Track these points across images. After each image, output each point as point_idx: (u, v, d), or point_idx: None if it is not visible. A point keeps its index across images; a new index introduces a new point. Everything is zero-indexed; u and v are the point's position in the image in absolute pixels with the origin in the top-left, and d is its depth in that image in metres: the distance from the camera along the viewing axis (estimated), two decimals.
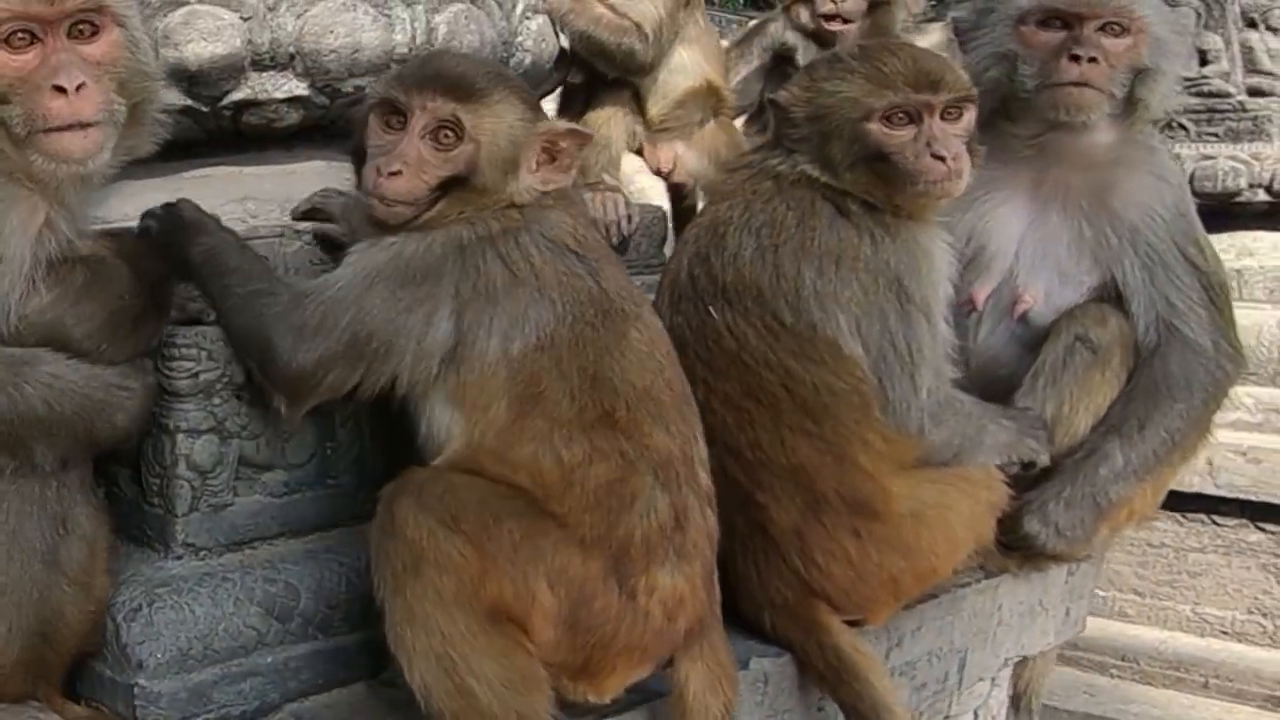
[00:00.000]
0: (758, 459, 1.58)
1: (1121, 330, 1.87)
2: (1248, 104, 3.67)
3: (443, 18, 1.74)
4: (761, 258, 1.60)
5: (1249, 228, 3.58)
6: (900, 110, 1.62)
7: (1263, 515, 3.16)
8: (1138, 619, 3.40)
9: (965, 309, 1.92)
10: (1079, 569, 1.95)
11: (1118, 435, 1.86)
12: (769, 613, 1.59)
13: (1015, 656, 1.88)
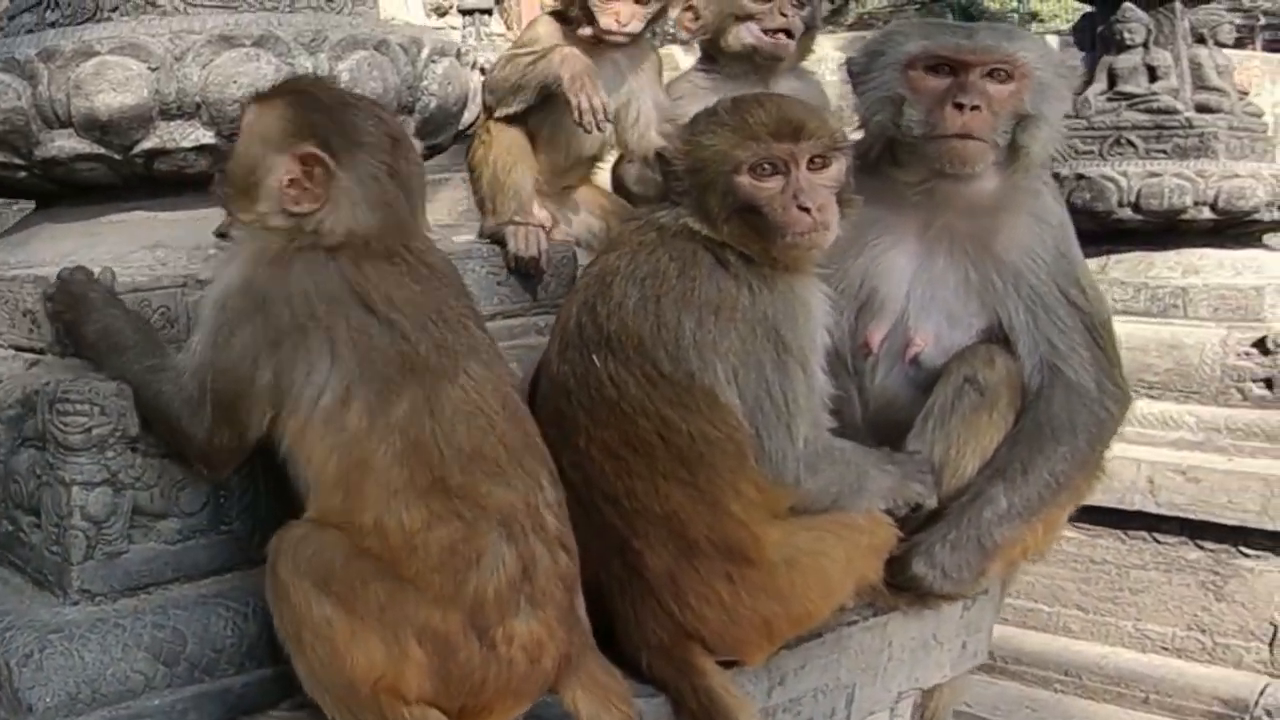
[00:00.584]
0: (634, 506, 1.63)
1: (1009, 371, 1.91)
2: (1195, 121, 3.73)
3: (345, 65, 1.80)
4: (644, 307, 1.64)
5: (1195, 245, 3.66)
6: (766, 162, 1.65)
7: (1202, 533, 3.23)
8: (1081, 634, 3.48)
9: (861, 352, 1.97)
10: (975, 603, 2.00)
11: (1002, 478, 1.89)
12: (646, 653, 1.64)
13: (909, 690, 1.93)
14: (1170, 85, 3.85)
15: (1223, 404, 3.32)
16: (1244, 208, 3.53)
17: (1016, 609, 3.57)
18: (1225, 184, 3.54)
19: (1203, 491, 3.16)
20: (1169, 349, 3.42)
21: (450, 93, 1.94)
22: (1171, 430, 3.35)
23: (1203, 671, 3.22)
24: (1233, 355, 3.32)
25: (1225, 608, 3.20)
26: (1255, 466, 3.13)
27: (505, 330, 1.96)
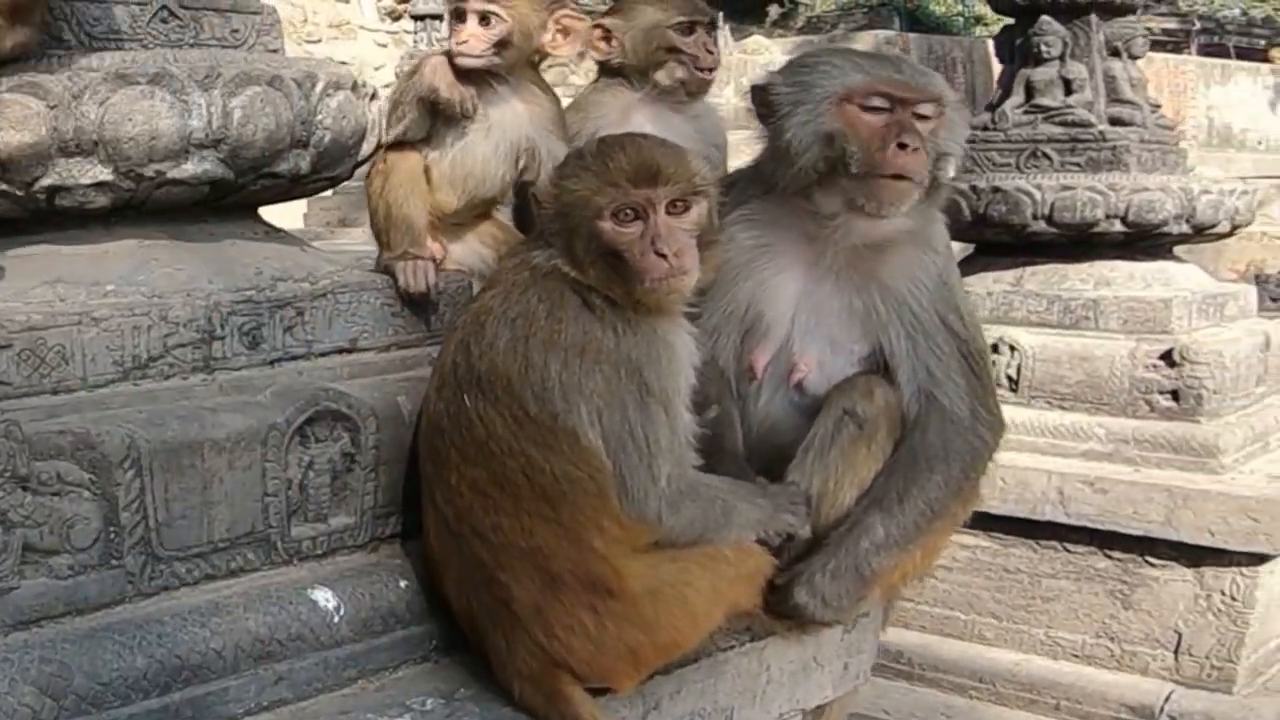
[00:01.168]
0: (500, 541, 1.70)
1: (888, 402, 1.99)
2: (1108, 134, 3.85)
3: (238, 101, 1.84)
4: (514, 349, 1.71)
5: (1107, 257, 3.77)
6: (626, 208, 1.72)
7: (1110, 543, 3.35)
8: (996, 642, 3.59)
9: (746, 375, 2.05)
10: (856, 626, 2.08)
11: (879, 508, 1.98)
12: (518, 683, 1.73)
13: (791, 711, 2.01)
14: (1085, 98, 3.96)
15: (1131, 415, 3.43)
16: (1153, 220, 3.63)
17: (934, 616, 3.69)
18: (1136, 197, 3.63)
19: (1110, 502, 3.28)
20: (1080, 361, 3.53)
21: (345, 126, 1.99)
22: (1082, 441, 3.46)
23: (1111, 679, 3.35)
24: (1141, 367, 3.43)
25: (1132, 616, 3.33)
26: (1161, 477, 3.26)
27: (400, 361, 2.01)
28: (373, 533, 1.89)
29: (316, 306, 1.92)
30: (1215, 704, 3.17)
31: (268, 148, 1.87)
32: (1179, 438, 3.32)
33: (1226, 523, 3.11)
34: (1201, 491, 3.16)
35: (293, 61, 1.96)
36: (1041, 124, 3.95)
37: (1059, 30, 3.98)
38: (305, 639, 1.73)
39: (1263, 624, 3.21)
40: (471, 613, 1.76)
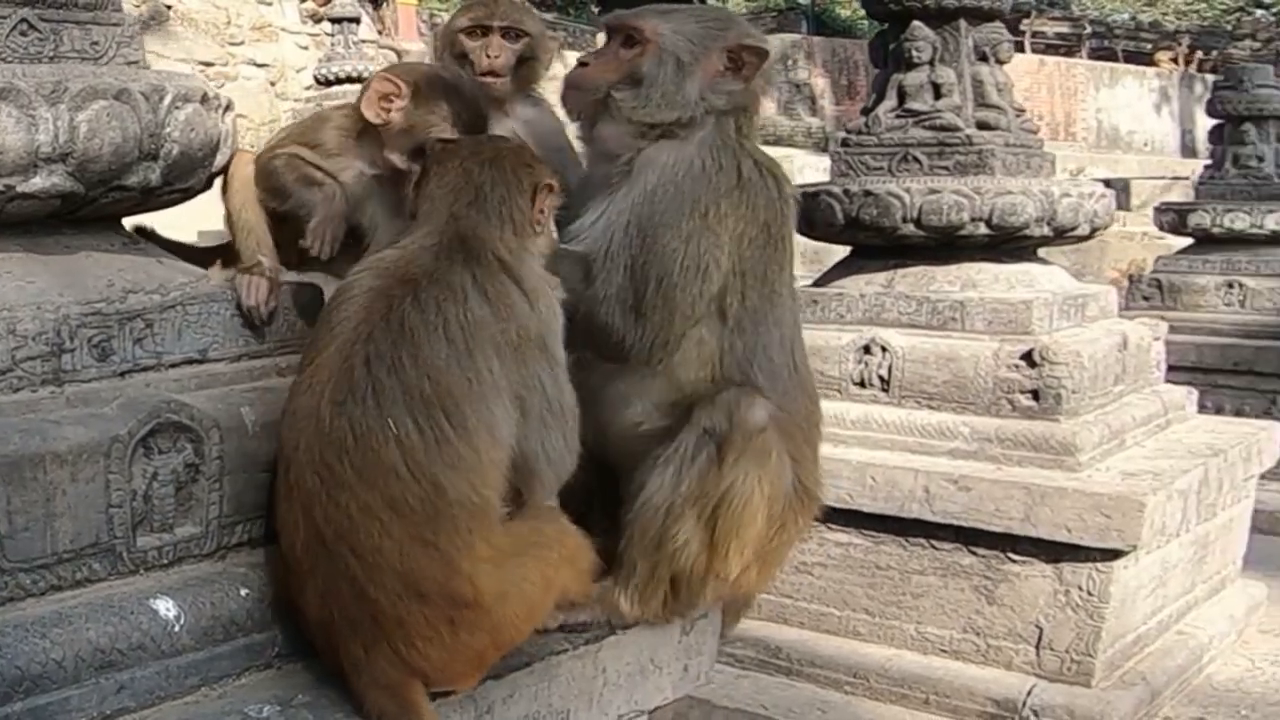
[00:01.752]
0: (377, 561, 1.79)
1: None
2: (974, 138, 3.97)
3: (85, 115, 1.86)
4: (457, 362, 1.85)
5: (973, 259, 3.90)
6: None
7: (974, 540, 3.47)
8: (869, 637, 3.70)
9: None
10: (694, 628, 2.17)
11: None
12: (372, 691, 1.81)
13: (631, 713, 2.09)
14: (953, 103, 4.07)
15: (994, 415, 3.56)
16: (1016, 223, 3.76)
17: (811, 613, 3.80)
18: (999, 200, 3.76)
19: (974, 500, 3.40)
20: (947, 361, 3.66)
21: (194, 139, 2.02)
22: (948, 440, 3.59)
23: (977, 673, 3.47)
24: (1004, 367, 3.56)
25: (996, 611, 3.45)
26: (1021, 475, 3.39)
27: (248, 372, 2.05)
28: (218, 542, 1.93)
29: (166, 318, 1.96)
30: (1074, 697, 3.30)
31: (115, 161, 1.90)
32: (1039, 436, 3.46)
33: (1082, 519, 3.24)
34: (1059, 489, 3.29)
35: (142, 74, 1.98)
36: (912, 128, 4.07)
37: (929, 35, 4.09)
38: (146, 648, 1.77)
39: (1118, 618, 3.35)
40: (332, 623, 1.81)
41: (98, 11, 1.99)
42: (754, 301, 2.34)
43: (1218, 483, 3.67)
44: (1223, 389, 6.29)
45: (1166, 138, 24.87)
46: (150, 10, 14.26)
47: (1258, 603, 4.21)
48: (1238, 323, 6.50)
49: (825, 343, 3.83)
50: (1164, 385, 4.11)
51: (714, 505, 2.22)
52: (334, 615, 1.79)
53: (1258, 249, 6.70)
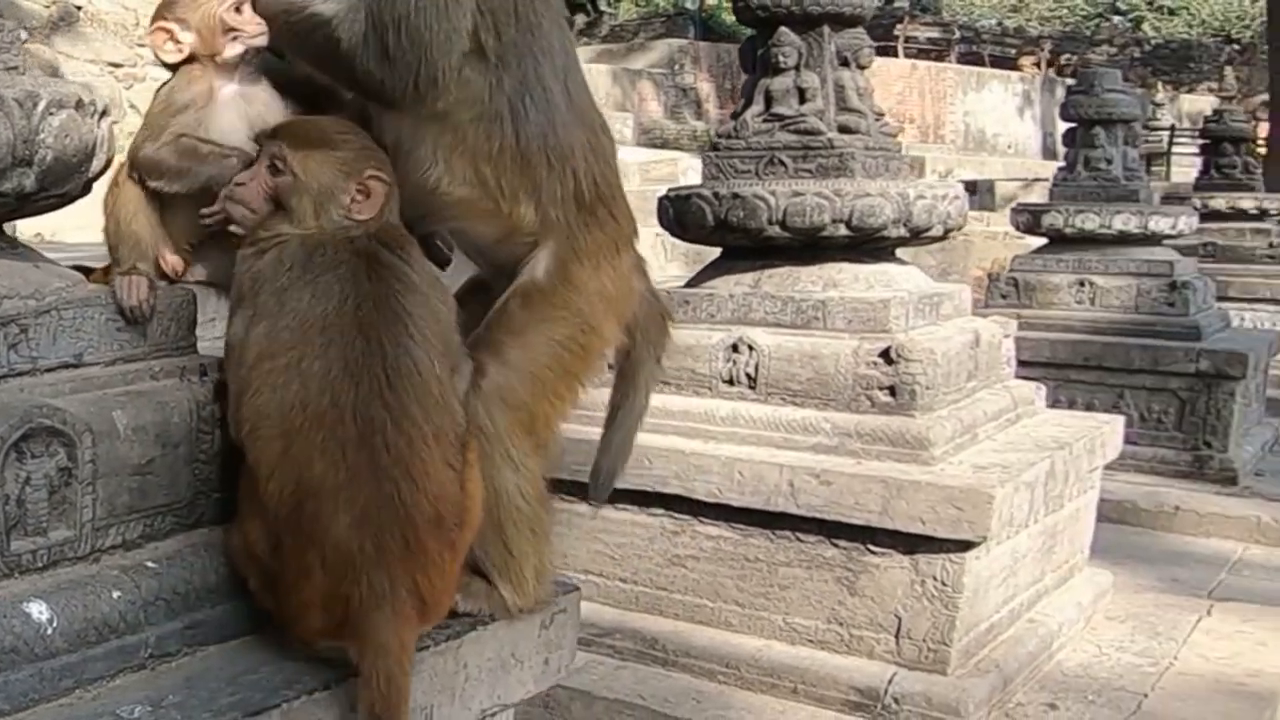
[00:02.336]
0: (424, 487, 1.99)
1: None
2: (836, 141, 4.14)
3: None
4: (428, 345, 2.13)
5: (834, 260, 4.07)
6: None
7: (836, 532, 3.63)
8: (740, 628, 3.84)
9: None
10: (554, 621, 2.26)
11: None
12: (386, 625, 1.94)
13: (494, 707, 2.16)
14: (817, 107, 4.23)
15: (854, 410, 3.73)
16: (874, 224, 3.94)
17: (686, 604, 3.93)
18: (858, 202, 3.92)
19: (835, 494, 3.55)
20: (810, 359, 3.82)
21: (69, 145, 2.02)
22: (812, 435, 3.75)
23: (841, 662, 3.62)
24: (863, 365, 3.73)
25: (858, 602, 3.62)
26: (879, 469, 3.55)
27: (121, 376, 2.07)
28: (92, 545, 1.95)
29: (41, 323, 1.97)
30: (932, 685, 3.47)
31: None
32: (895, 431, 3.63)
33: (935, 512, 3.41)
34: (914, 482, 3.46)
35: (16, 80, 1.98)
36: (778, 132, 4.22)
37: (795, 41, 4.24)
38: (20, 651, 1.78)
39: (971, 608, 3.53)
40: (359, 554, 1.92)
41: None
42: (511, 35, 2.27)
43: (1064, 475, 3.89)
44: (1075, 383, 6.61)
45: (1029, 140, 25.85)
46: (60, 11, 13.89)
47: (1104, 590, 4.46)
48: (1088, 320, 6.81)
49: (696, 341, 3.96)
50: (1014, 381, 4.34)
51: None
52: (366, 544, 1.90)
53: (1106, 248, 7.00)
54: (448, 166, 2.27)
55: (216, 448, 2.10)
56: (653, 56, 23.73)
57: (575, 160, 2.35)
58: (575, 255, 2.34)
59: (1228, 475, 6.35)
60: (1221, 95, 11.66)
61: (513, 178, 2.29)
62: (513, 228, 2.33)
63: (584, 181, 2.36)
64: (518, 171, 2.29)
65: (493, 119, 2.26)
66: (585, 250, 2.35)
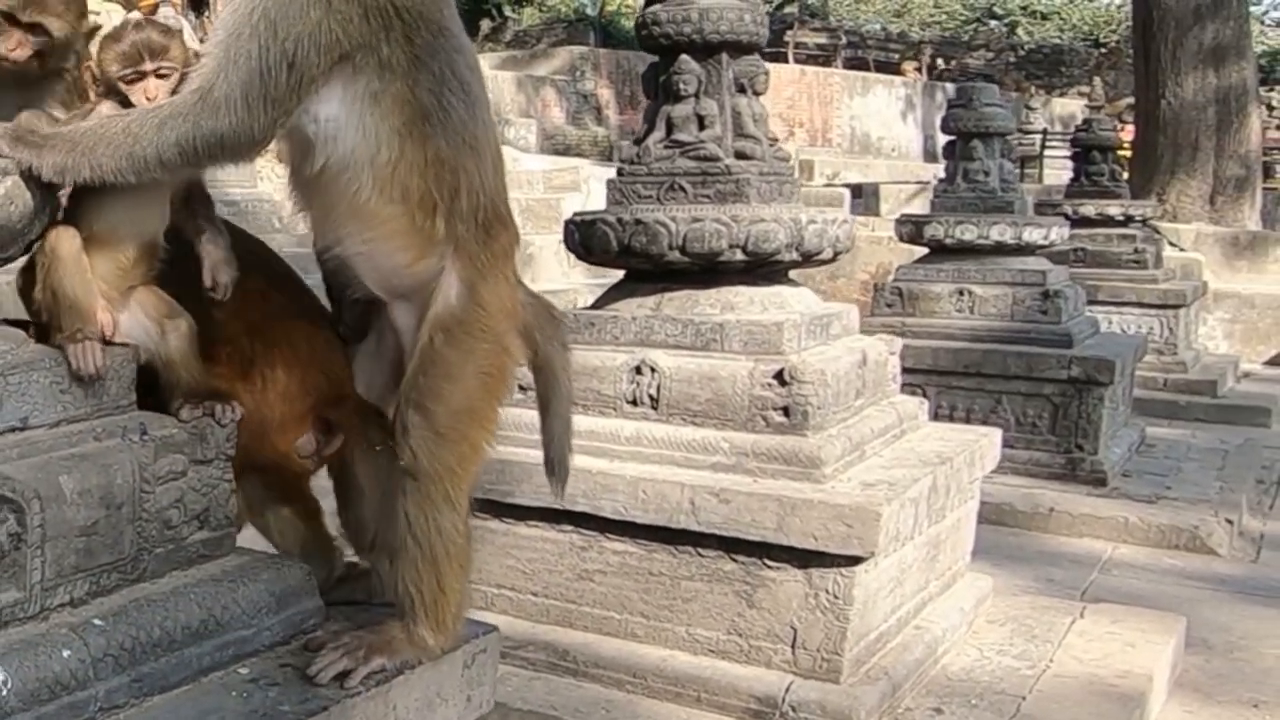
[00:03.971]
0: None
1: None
2: (733, 167, 4.22)
3: None
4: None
5: (732, 283, 4.14)
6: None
7: (735, 548, 3.71)
8: (645, 639, 3.91)
9: None
10: (475, 661, 2.31)
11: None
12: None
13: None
14: (715, 133, 4.30)
15: (751, 430, 3.81)
16: (769, 249, 4.03)
17: (594, 617, 3.99)
18: (754, 228, 4.01)
19: (733, 511, 3.64)
20: (709, 380, 3.89)
21: (14, 212, 2.03)
22: (711, 455, 3.82)
23: (741, 672, 3.71)
24: (758, 386, 3.82)
25: (756, 614, 3.71)
26: (774, 488, 3.65)
27: (65, 438, 2.08)
28: (42, 604, 1.97)
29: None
30: (826, 693, 3.57)
31: None
32: (789, 451, 3.73)
33: (827, 529, 3.52)
34: (806, 500, 3.56)
35: None
36: (679, 158, 4.28)
37: (695, 69, 4.30)
38: None
39: (861, 618, 3.65)
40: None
41: None
42: (425, 39, 2.27)
43: (946, 488, 4.03)
44: (956, 389, 6.81)
45: (911, 143, 26.37)
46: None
47: (985, 594, 4.62)
48: (968, 328, 7.01)
49: (601, 363, 4.01)
50: (899, 396, 4.47)
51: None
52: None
53: (984, 258, 7.21)
54: (378, 182, 2.24)
55: (159, 505, 2.11)
56: (555, 63, 23.71)
57: (484, 168, 2.35)
58: (480, 274, 2.33)
59: (1098, 477, 6.62)
60: (1091, 105, 12.07)
61: (434, 189, 2.28)
62: (424, 247, 2.31)
63: (485, 194, 2.35)
64: (440, 182, 2.28)
65: (423, 119, 2.24)
66: (487, 267, 2.35)
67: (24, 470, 1.93)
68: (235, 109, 2.11)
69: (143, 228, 2.29)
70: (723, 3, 4.26)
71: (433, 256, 2.32)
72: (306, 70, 2.14)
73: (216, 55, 2.15)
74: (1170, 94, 14.77)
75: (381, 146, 2.22)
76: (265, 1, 2.13)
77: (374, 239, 2.32)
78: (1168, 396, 9.28)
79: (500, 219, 2.41)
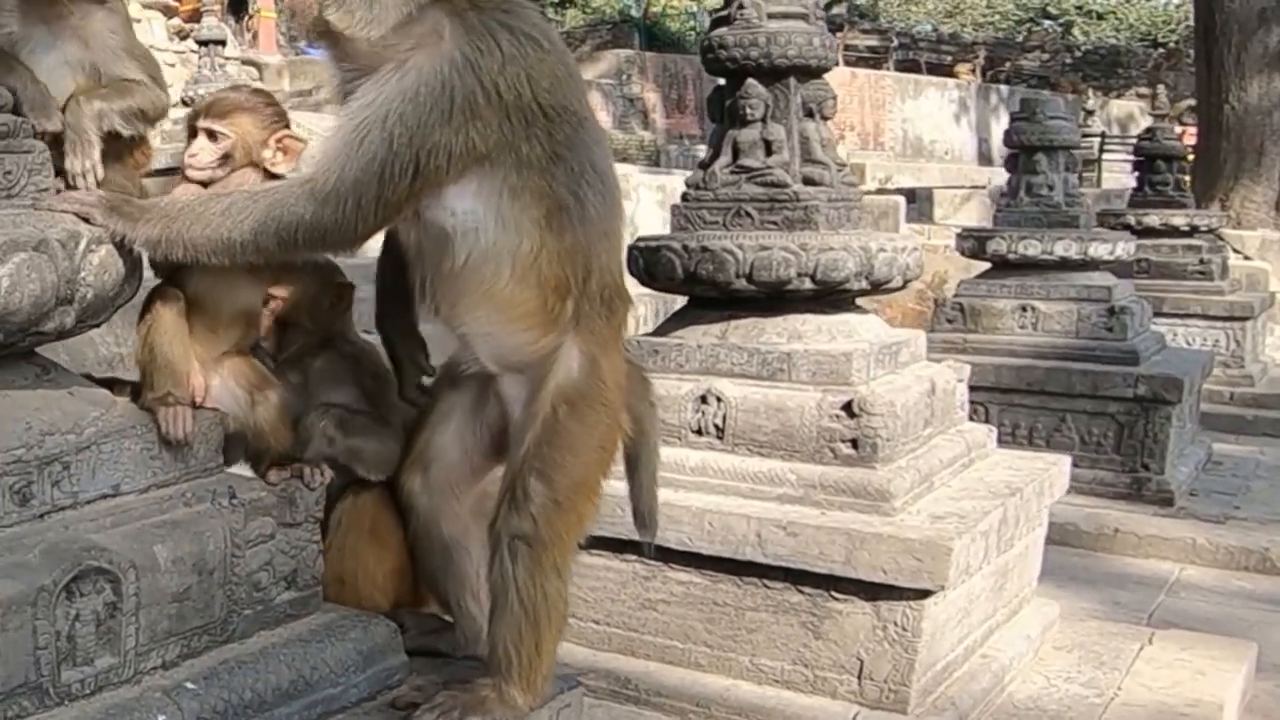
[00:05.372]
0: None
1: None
2: (801, 193, 4.17)
3: (6, 270, 1.87)
4: None
5: (799, 311, 4.11)
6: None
7: (801, 580, 3.69)
8: (709, 669, 3.89)
9: None
10: (559, 717, 2.31)
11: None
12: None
13: None
14: (783, 159, 4.25)
15: (818, 462, 3.78)
16: (838, 278, 3.99)
17: (657, 645, 3.98)
18: (823, 256, 3.97)
19: (800, 544, 3.61)
20: (776, 411, 3.86)
21: (107, 281, 2.05)
22: (778, 486, 3.80)
23: (807, 702, 3.69)
24: (826, 417, 3.79)
25: (822, 645, 3.68)
26: (842, 520, 3.61)
27: (156, 503, 2.11)
28: (135, 669, 2.00)
29: (82, 459, 2.01)
30: None
31: (34, 312, 1.92)
32: (857, 483, 3.69)
33: (896, 562, 3.48)
34: (875, 534, 3.52)
35: (60, 218, 1.97)
36: (745, 184, 4.24)
37: (763, 93, 4.25)
38: None
39: (929, 649, 3.61)
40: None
41: (10, 140, 1.98)
42: (566, 133, 2.28)
43: (1015, 519, 3.98)
44: (1018, 407, 6.73)
45: (965, 146, 26.11)
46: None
47: (1051, 620, 4.56)
48: (1031, 344, 6.91)
49: (666, 392, 3.99)
50: (967, 424, 4.42)
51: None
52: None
53: (1048, 274, 7.10)
54: (517, 272, 2.26)
55: (248, 569, 2.14)
56: (601, 67, 23.72)
57: (614, 251, 2.40)
58: (602, 349, 2.37)
59: (1164, 496, 6.51)
60: (1154, 113, 11.84)
61: (570, 276, 2.30)
62: (550, 326, 2.34)
63: (611, 274, 2.39)
64: (574, 269, 2.31)
65: (561, 211, 2.26)
66: (608, 342, 2.39)
67: (118, 540, 1.96)
68: (344, 206, 2.11)
69: (239, 297, 2.32)
70: (791, 26, 4.22)
71: (556, 333, 2.36)
72: (431, 177, 2.14)
73: (336, 148, 2.14)
74: (1234, 99, 14.50)
75: (524, 239, 2.23)
76: (403, 104, 2.11)
77: (502, 321, 2.35)
78: (1235, 410, 9.10)
79: (620, 293, 2.45)
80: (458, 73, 2.12)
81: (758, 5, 4.27)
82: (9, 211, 1.95)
